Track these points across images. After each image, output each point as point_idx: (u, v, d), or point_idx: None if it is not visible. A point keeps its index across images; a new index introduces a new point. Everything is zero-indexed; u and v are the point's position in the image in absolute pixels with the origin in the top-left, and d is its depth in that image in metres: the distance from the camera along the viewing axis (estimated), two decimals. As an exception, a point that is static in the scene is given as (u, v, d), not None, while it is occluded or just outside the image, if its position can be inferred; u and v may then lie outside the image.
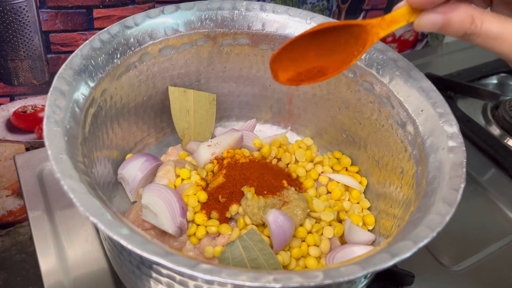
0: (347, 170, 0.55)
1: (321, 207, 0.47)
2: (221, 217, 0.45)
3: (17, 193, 0.77)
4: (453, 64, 0.88)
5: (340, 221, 0.49)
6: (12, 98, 0.65)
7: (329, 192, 0.52)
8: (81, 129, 0.39)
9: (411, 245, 0.31)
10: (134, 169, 0.49)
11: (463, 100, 0.80)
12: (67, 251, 0.50)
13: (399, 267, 0.49)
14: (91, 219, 0.30)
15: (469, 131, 0.71)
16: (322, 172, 0.53)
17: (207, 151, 0.51)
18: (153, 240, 0.31)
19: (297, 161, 0.54)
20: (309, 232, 0.46)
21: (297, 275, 0.29)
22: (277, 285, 0.28)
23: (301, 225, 0.45)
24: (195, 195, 0.46)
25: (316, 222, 0.47)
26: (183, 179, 0.49)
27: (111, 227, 0.30)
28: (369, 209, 0.52)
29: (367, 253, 0.33)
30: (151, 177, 0.51)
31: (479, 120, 0.77)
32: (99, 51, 0.43)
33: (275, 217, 0.42)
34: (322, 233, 0.47)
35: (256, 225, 0.45)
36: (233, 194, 0.46)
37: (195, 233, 0.44)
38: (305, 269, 0.43)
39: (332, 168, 0.54)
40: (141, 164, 0.49)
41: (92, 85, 0.42)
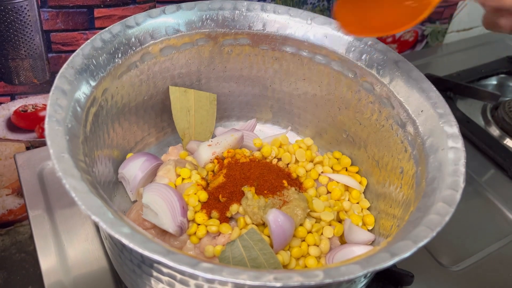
0: (347, 170, 0.55)
1: (321, 207, 0.48)
2: (222, 217, 0.45)
3: (17, 192, 0.77)
4: (452, 65, 0.88)
5: (340, 221, 0.49)
6: (12, 97, 0.65)
7: (329, 192, 0.52)
8: (83, 128, 0.39)
9: (411, 245, 0.32)
10: (134, 169, 0.49)
11: (462, 101, 0.80)
12: (67, 250, 0.51)
13: (398, 267, 0.49)
14: (92, 218, 0.30)
15: (469, 132, 0.71)
16: (322, 172, 0.53)
17: (208, 150, 0.51)
18: (154, 239, 0.31)
19: (297, 161, 0.54)
20: (309, 231, 0.46)
21: (297, 274, 0.29)
22: (278, 284, 0.28)
23: (301, 225, 0.45)
24: (195, 194, 0.46)
25: (316, 222, 0.47)
26: (183, 179, 0.50)
27: (112, 226, 0.30)
28: (368, 209, 0.52)
29: (367, 253, 0.33)
30: (151, 177, 0.51)
31: (479, 121, 0.77)
32: (100, 50, 0.43)
33: (275, 217, 0.42)
34: (322, 233, 0.47)
35: (256, 225, 0.45)
36: (234, 193, 0.46)
37: (195, 233, 0.44)
38: (305, 268, 0.43)
39: (332, 168, 0.54)
40: (142, 163, 0.50)
41: (93, 84, 0.42)
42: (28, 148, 0.72)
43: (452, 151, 0.39)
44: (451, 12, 0.94)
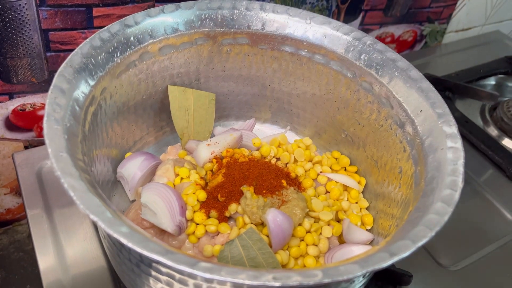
0: (345, 170, 0.55)
1: (320, 206, 0.48)
2: (220, 216, 0.45)
3: (15, 191, 0.77)
4: (451, 65, 0.88)
5: (338, 221, 0.49)
6: (11, 96, 0.65)
7: (327, 191, 0.52)
8: (81, 127, 0.39)
9: (410, 245, 0.32)
10: (133, 168, 0.49)
11: (461, 101, 0.80)
12: (65, 249, 0.50)
13: (397, 266, 0.49)
14: (91, 217, 0.30)
15: (467, 132, 0.71)
16: (321, 171, 0.53)
17: (207, 150, 0.51)
18: (152, 238, 0.31)
19: (296, 161, 0.54)
20: (308, 231, 0.46)
21: (296, 274, 0.29)
22: (277, 284, 0.28)
23: (300, 225, 0.45)
24: (194, 194, 0.46)
25: (314, 221, 0.47)
26: (182, 178, 0.49)
27: (111, 225, 0.30)
28: (367, 208, 0.52)
29: (366, 252, 0.33)
30: (150, 176, 0.51)
31: (477, 121, 0.77)
32: (99, 49, 0.43)
33: (274, 216, 0.42)
34: (320, 233, 0.47)
35: (255, 224, 0.45)
36: (232, 193, 0.46)
37: (194, 232, 0.44)
38: (304, 268, 0.43)
39: (331, 167, 0.54)
40: (140, 162, 0.49)
41: (92, 83, 0.42)
42: (26, 147, 0.72)
43: (451, 151, 0.40)
44: (449, 12, 0.94)
